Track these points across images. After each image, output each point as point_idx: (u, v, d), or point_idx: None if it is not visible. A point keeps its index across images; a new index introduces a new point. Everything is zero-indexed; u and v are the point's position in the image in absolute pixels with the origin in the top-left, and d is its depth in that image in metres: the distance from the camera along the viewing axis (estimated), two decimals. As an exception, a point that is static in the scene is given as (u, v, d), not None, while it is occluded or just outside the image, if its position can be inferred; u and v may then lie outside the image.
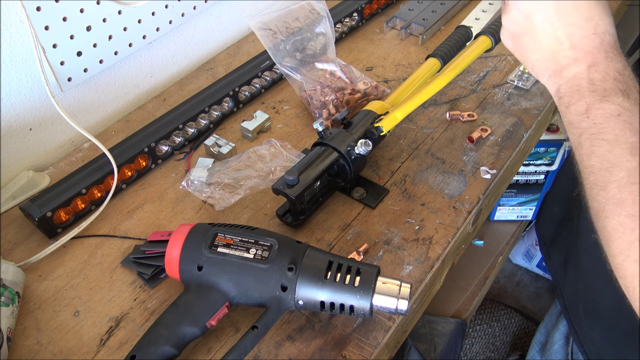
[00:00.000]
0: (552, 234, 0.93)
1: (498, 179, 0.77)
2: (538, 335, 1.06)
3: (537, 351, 1.04)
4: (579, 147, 0.47)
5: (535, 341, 1.06)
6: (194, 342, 0.58)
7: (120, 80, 0.87)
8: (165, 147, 0.80)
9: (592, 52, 0.49)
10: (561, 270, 0.89)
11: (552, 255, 0.93)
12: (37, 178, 0.77)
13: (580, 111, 0.48)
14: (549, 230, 0.95)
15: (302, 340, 0.60)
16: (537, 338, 1.06)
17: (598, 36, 0.49)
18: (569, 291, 0.87)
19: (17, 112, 0.76)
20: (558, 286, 0.89)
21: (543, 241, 0.96)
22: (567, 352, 0.92)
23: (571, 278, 0.85)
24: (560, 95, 0.51)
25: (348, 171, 0.71)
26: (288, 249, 0.58)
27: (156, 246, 0.66)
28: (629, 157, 0.43)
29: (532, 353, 1.06)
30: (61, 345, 0.60)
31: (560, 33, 0.50)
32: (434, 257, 0.67)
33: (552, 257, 0.93)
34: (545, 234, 0.96)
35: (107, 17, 0.78)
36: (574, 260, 0.85)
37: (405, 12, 1.04)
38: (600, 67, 0.48)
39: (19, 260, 0.67)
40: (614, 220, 0.43)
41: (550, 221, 0.95)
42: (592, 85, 0.48)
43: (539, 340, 1.05)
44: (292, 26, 0.85)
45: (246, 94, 0.89)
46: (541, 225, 0.98)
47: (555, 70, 0.51)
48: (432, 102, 0.87)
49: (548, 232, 0.95)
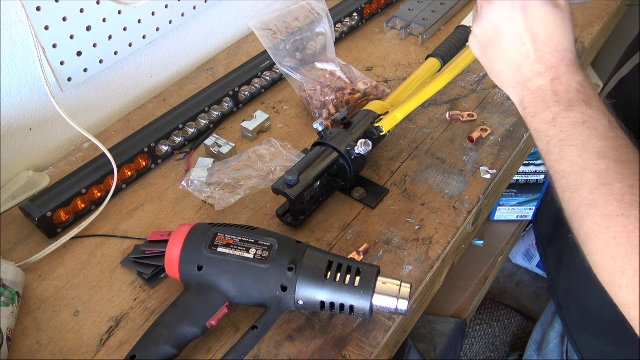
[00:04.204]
0: (549, 233, 0.93)
1: (498, 179, 0.77)
2: (535, 334, 1.06)
3: (534, 350, 1.04)
4: (548, 154, 0.51)
5: (532, 340, 1.06)
6: (194, 342, 0.58)
7: (120, 80, 0.87)
8: (165, 147, 0.80)
9: (556, 66, 0.52)
10: (555, 269, 0.89)
11: (548, 254, 0.93)
12: (37, 178, 0.77)
13: (547, 120, 0.51)
14: (546, 229, 0.95)
15: (302, 340, 0.60)
16: (534, 337, 1.06)
17: (560, 53, 0.53)
18: (563, 291, 0.87)
19: (17, 112, 0.76)
20: (552, 286, 0.89)
21: (540, 240, 0.96)
22: (562, 351, 0.92)
23: (565, 277, 0.85)
24: (524, 106, 0.54)
25: (348, 171, 0.71)
26: (288, 249, 0.58)
27: (156, 246, 0.66)
28: (597, 160, 0.46)
29: (529, 352, 1.06)
30: (61, 345, 0.60)
31: (528, 48, 0.53)
32: (434, 257, 0.67)
33: (547, 256, 0.93)
34: (543, 233, 0.96)
35: (107, 17, 0.78)
36: (567, 259, 0.85)
37: (405, 12, 1.04)
38: (563, 80, 0.52)
39: (19, 260, 0.67)
40: (589, 220, 0.45)
41: (547, 220, 0.96)
42: (556, 96, 0.51)
43: (536, 340, 1.05)
44: (292, 26, 0.85)
45: (246, 94, 0.89)
46: (539, 224, 0.99)
47: (520, 82, 0.55)
48: (432, 102, 0.87)
49: (545, 231, 0.95)
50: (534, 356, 1.03)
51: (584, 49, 0.96)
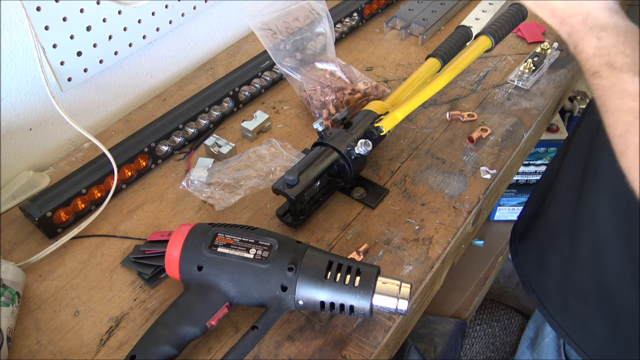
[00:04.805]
0: (523, 229, 0.93)
1: (498, 179, 0.77)
2: (527, 330, 1.06)
3: (527, 347, 1.04)
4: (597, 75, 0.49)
5: (524, 337, 1.06)
6: (194, 342, 0.58)
7: (120, 80, 0.87)
8: (165, 147, 0.80)
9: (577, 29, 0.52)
10: (533, 264, 0.88)
11: (520, 251, 0.92)
12: (37, 178, 0.77)
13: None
14: (520, 227, 0.95)
15: (302, 340, 0.60)
16: (527, 334, 1.06)
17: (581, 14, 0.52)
18: (543, 284, 0.85)
19: (17, 112, 0.76)
20: (528, 282, 0.88)
21: (513, 239, 0.96)
22: (558, 344, 0.92)
23: (548, 268, 0.84)
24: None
25: (348, 171, 0.71)
26: (288, 249, 0.58)
27: (156, 246, 0.66)
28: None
29: (522, 349, 1.06)
30: (61, 345, 0.60)
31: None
32: (434, 257, 0.67)
33: (519, 254, 0.92)
34: (517, 231, 0.96)
35: (107, 17, 0.78)
36: (551, 246, 0.84)
37: (405, 12, 1.04)
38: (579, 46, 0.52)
39: (19, 260, 0.67)
40: None
41: (522, 218, 0.96)
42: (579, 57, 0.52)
43: (528, 336, 1.05)
44: (292, 26, 0.85)
45: (246, 94, 0.89)
46: (516, 225, 0.98)
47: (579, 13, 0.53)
48: (432, 102, 0.87)
49: (519, 229, 0.95)
50: (526, 354, 1.03)
51: (584, 49, 0.96)
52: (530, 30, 1.00)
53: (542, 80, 0.91)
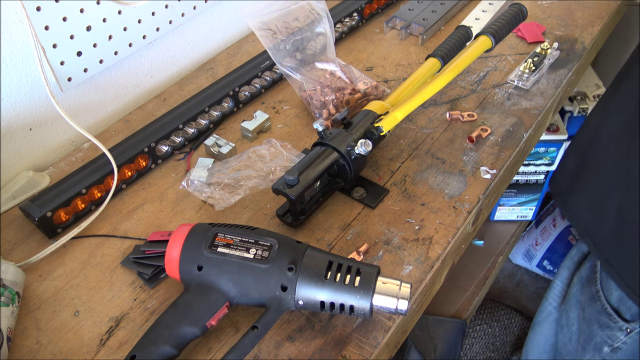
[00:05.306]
0: (568, 183, 0.94)
1: (498, 179, 0.77)
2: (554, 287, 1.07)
3: (555, 307, 1.06)
4: None
5: (551, 296, 1.07)
6: (194, 342, 0.58)
7: (120, 80, 0.87)
8: (165, 147, 0.80)
9: None
10: (588, 212, 0.89)
11: (570, 203, 0.93)
12: (37, 178, 0.77)
13: None
14: (563, 183, 0.96)
15: (302, 340, 0.60)
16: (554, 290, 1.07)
17: None
18: (600, 230, 0.86)
19: (17, 112, 0.76)
20: (585, 232, 0.89)
21: (558, 194, 0.96)
22: (595, 279, 0.92)
23: (603, 214, 0.84)
24: None
25: (348, 171, 0.71)
26: (288, 249, 0.58)
27: (156, 246, 0.66)
28: None
29: (548, 309, 1.07)
30: (61, 345, 0.60)
31: None
32: (434, 257, 0.67)
33: (569, 207, 0.93)
34: (561, 188, 0.96)
35: (107, 17, 0.78)
36: (604, 193, 0.84)
37: (405, 12, 1.04)
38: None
39: (19, 260, 0.67)
40: None
41: (563, 174, 0.96)
42: None
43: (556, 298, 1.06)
44: (292, 26, 0.85)
45: (246, 94, 0.89)
46: (554, 181, 0.99)
47: None
48: (432, 102, 0.87)
49: (563, 185, 0.96)
50: (554, 312, 1.05)
51: (584, 49, 0.96)
52: (530, 30, 1.00)
53: (542, 80, 0.91)
